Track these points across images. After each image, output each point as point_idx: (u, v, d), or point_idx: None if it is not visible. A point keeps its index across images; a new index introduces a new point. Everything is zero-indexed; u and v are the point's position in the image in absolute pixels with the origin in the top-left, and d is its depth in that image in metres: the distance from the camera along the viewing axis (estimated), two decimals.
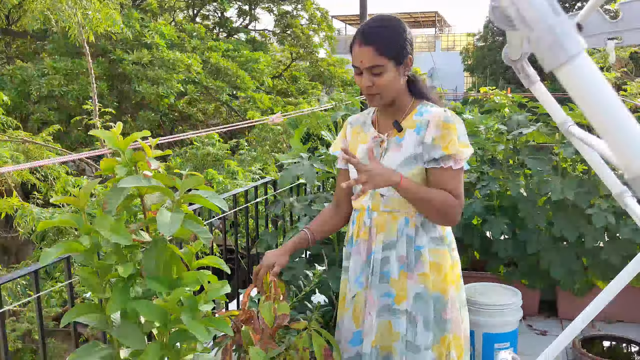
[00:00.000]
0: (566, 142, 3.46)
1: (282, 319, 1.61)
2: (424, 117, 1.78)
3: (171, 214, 1.44)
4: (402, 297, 1.79)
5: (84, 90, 7.71)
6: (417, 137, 1.77)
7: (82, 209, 1.42)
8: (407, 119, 1.82)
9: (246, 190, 2.77)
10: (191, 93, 8.89)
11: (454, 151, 1.72)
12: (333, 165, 2.94)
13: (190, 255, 1.66)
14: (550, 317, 3.79)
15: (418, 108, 1.82)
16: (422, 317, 1.78)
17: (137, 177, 1.44)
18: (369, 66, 1.71)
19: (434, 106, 1.81)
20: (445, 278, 1.80)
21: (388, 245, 1.80)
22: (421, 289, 1.78)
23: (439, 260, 1.80)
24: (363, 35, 1.72)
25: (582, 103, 0.50)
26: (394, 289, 1.79)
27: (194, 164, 7.09)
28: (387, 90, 1.74)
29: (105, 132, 1.49)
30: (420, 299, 1.78)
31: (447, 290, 1.80)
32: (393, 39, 1.72)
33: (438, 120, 1.74)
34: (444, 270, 1.80)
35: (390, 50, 1.70)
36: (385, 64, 1.70)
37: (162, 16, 12.33)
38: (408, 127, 1.80)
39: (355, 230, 1.89)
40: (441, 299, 1.80)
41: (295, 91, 12.79)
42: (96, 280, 1.46)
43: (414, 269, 1.79)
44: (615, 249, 3.35)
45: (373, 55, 1.69)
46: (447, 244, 1.84)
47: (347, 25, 34.24)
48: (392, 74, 1.72)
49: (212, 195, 1.52)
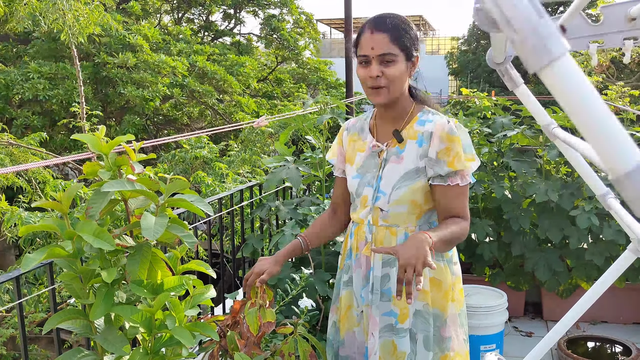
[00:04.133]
0: (550, 144, 3.49)
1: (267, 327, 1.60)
2: (426, 128, 1.68)
3: (155, 218, 1.42)
4: (405, 315, 1.71)
5: (68, 94, 7.63)
6: (418, 149, 1.68)
7: (64, 214, 1.40)
8: (408, 127, 1.72)
9: (231, 193, 2.76)
10: (177, 96, 8.83)
11: (460, 167, 1.64)
12: (319, 169, 2.94)
13: (175, 259, 1.64)
14: (535, 319, 3.81)
15: (419, 115, 1.72)
16: (422, 335, 1.71)
17: (121, 181, 1.43)
18: (381, 54, 1.61)
19: (436, 114, 1.71)
20: (446, 295, 1.73)
21: (387, 262, 1.73)
22: (421, 306, 1.71)
23: (439, 276, 1.72)
24: (376, 22, 1.64)
25: (565, 104, 0.50)
26: (397, 307, 1.71)
27: (182, 167, 7.05)
28: (395, 83, 1.64)
29: (88, 136, 1.47)
30: (419, 317, 1.71)
31: (447, 307, 1.73)
32: (406, 31, 1.64)
33: (442, 132, 1.65)
34: (444, 286, 1.73)
35: (404, 41, 1.62)
36: (398, 54, 1.62)
37: (147, 19, 12.26)
38: (409, 138, 1.70)
39: (354, 243, 1.81)
40: (441, 316, 1.73)
41: (280, 94, 12.78)
42: (79, 286, 1.44)
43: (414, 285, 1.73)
44: (599, 250, 3.38)
45: (387, 42, 1.60)
46: (448, 258, 1.76)
47: (332, 29, 34.31)
48: (402, 66, 1.63)
49: (197, 199, 1.51)
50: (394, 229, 1.72)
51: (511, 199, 3.54)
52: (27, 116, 7.74)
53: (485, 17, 0.61)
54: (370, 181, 1.74)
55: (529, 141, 3.68)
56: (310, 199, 2.89)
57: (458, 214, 1.68)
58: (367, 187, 1.75)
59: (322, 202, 2.89)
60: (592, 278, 3.51)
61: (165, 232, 1.46)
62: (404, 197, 1.68)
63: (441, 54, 29.63)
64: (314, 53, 14.08)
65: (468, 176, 1.68)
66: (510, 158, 3.52)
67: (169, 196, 1.49)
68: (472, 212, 3.65)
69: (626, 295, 3.55)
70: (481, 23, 0.62)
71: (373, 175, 1.75)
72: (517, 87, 1.33)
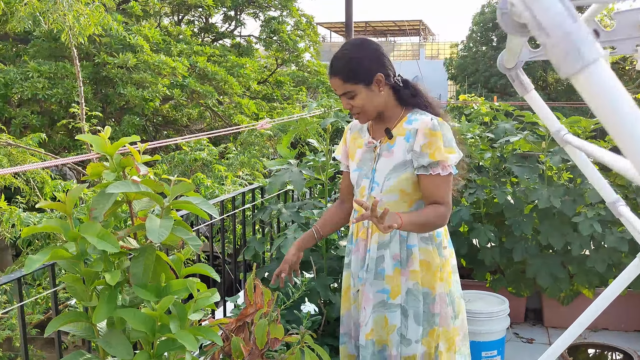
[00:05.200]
0: (553, 150, 3.48)
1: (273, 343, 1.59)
2: (413, 125, 1.90)
3: (160, 220, 1.41)
4: (396, 292, 1.92)
5: (68, 94, 7.60)
6: (406, 144, 1.90)
7: (68, 215, 1.39)
8: (398, 126, 1.94)
9: (233, 196, 2.74)
10: (177, 97, 8.81)
11: (440, 158, 1.83)
12: (321, 172, 2.93)
13: (179, 262, 1.63)
14: (536, 325, 3.80)
15: (408, 116, 1.94)
16: (412, 311, 1.92)
17: (126, 182, 1.41)
18: (341, 93, 1.89)
19: (423, 114, 1.92)
20: (434, 275, 1.93)
21: (382, 244, 1.93)
22: (412, 285, 1.92)
23: (428, 258, 1.93)
24: (330, 67, 1.90)
25: (599, 111, 0.49)
26: (389, 285, 1.93)
27: (182, 169, 7.02)
28: (366, 108, 1.89)
29: (93, 137, 1.46)
30: (411, 294, 1.92)
31: (435, 286, 1.93)
32: (355, 65, 1.85)
33: (425, 128, 1.86)
34: (433, 267, 1.93)
35: (354, 76, 1.85)
36: (354, 89, 1.86)
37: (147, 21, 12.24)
38: (398, 135, 1.93)
39: (355, 229, 2.05)
40: (429, 294, 1.93)
41: (280, 96, 12.77)
42: (82, 288, 1.42)
43: (406, 266, 1.92)
44: (601, 257, 3.37)
45: (341, 84, 1.87)
46: (437, 243, 1.95)
47: (332, 33, 34.32)
48: (364, 94, 1.87)
49: (202, 202, 1.49)
50: None
51: (513, 204, 3.53)
52: (25, 115, 7.69)
53: (510, 21, 0.60)
54: (367, 173, 1.98)
55: (531, 147, 3.67)
56: (312, 202, 2.88)
57: (438, 201, 1.87)
58: (365, 178, 1.98)
59: (324, 205, 2.87)
60: (593, 285, 3.50)
61: (170, 235, 1.44)
62: (394, 187, 1.91)
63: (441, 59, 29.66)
64: (314, 56, 14.07)
65: (449, 167, 1.87)
66: (512, 163, 3.51)
67: (173, 198, 1.47)
68: (474, 217, 3.65)
69: (628, 302, 3.54)
70: (506, 27, 0.61)
71: (369, 168, 1.98)
72: (527, 93, 1.31)
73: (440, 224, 1.89)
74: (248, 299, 1.84)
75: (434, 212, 1.85)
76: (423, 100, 1.97)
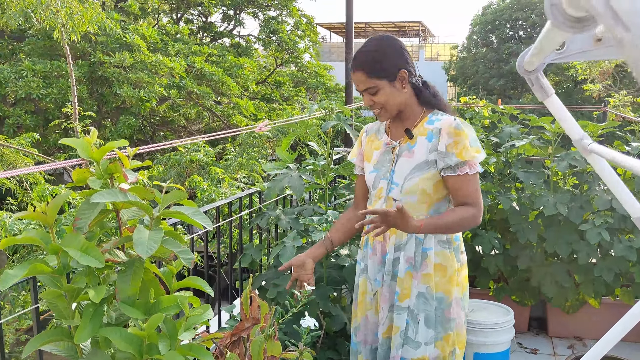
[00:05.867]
0: (560, 155, 3.38)
1: None
2: (435, 125, 1.87)
3: (149, 232, 1.31)
4: (405, 295, 1.90)
5: (62, 94, 7.46)
6: (428, 144, 1.86)
7: (49, 226, 1.28)
8: (419, 126, 1.91)
9: (230, 201, 2.63)
10: (174, 98, 8.68)
11: (467, 157, 1.81)
12: (321, 176, 2.82)
13: (170, 275, 1.52)
14: (540, 335, 3.70)
15: (429, 116, 1.91)
16: (423, 315, 1.89)
17: (113, 190, 1.31)
18: (364, 89, 1.85)
19: (444, 115, 1.89)
20: (450, 280, 1.90)
21: (399, 246, 1.92)
22: (424, 289, 1.89)
23: (445, 262, 1.90)
24: (354, 61, 1.86)
25: None
26: (400, 287, 1.91)
27: (178, 171, 6.90)
28: (388, 105, 1.86)
29: (77, 141, 1.35)
30: (422, 298, 1.89)
31: (452, 291, 1.90)
32: (380, 59, 1.82)
33: (449, 128, 1.82)
34: (449, 272, 1.90)
35: (379, 71, 1.82)
36: (377, 84, 1.83)
37: (146, 19, 12.10)
38: (419, 135, 1.89)
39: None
40: (445, 299, 1.90)
41: (279, 97, 12.65)
42: (64, 305, 1.31)
43: (419, 269, 1.89)
44: (608, 266, 3.27)
45: (364, 79, 1.83)
46: (455, 247, 1.92)
47: (332, 33, 34.22)
48: (387, 90, 1.84)
49: (195, 212, 1.39)
50: None
51: (518, 211, 3.43)
52: (19, 115, 7.55)
53: (561, 14, 0.50)
54: (385, 174, 1.94)
55: (537, 151, 3.57)
56: (312, 208, 2.77)
57: (467, 201, 1.84)
58: (382, 179, 1.94)
59: (324, 211, 2.77)
60: (600, 294, 3.40)
61: (160, 247, 1.34)
62: (415, 187, 1.86)
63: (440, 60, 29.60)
64: (314, 56, 13.96)
65: (476, 165, 1.84)
66: (518, 169, 3.41)
67: (164, 208, 1.37)
68: None
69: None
70: (555, 20, 0.51)
71: (387, 169, 1.94)
72: (547, 97, 1.21)
73: (470, 224, 1.85)
74: (244, 312, 1.75)
75: (460, 216, 1.82)
76: (442, 103, 1.96)
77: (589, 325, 3.57)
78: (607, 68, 9.76)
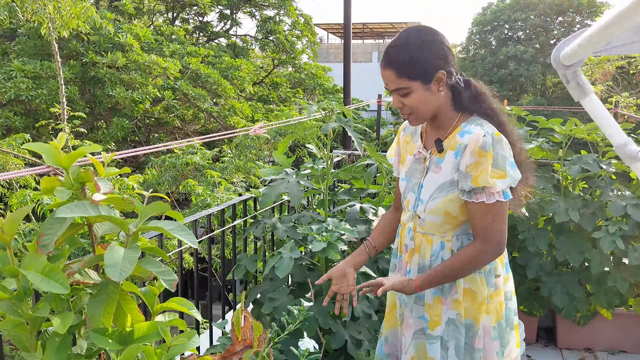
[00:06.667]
0: (571, 159, 3.22)
1: None
2: (464, 139, 1.62)
3: (125, 250, 1.13)
4: (436, 322, 1.73)
5: (53, 95, 7.26)
6: (454, 161, 1.64)
7: (7, 245, 1.11)
8: (450, 137, 1.66)
9: (223, 209, 2.46)
10: (169, 99, 8.48)
11: (483, 183, 1.57)
12: (320, 181, 2.65)
13: (152, 296, 1.35)
14: (549, 346, 3.53)
15: (463, 126, 1.65)
16: (453, 343, 1.72)
17: (82, 203, 1.14)
18: (394, 89, 1.61)
19: (478, 125, 1.61)
20: (480, 306, 1.69)
21: (422, 268, 1.74)
22: (454, 315, 1.71)
23: (474, 287, 1.69)
24: (384, 57, 1.61)
25: None
26: (429, 314, 1.74)
27: (173, 174, 6.70)
28: (419, 110, 1.63)
29: (43, 146, 1.18)
30: (452, 325, 1.72)
31: (480, 318, 1.70)
32: (415, 58, 1.56)
33: (475, 146, 1.58)
34: (479, 298, 1.69)
35: (412, 71, 1.56)
36: (410, 85, 1.58)
37: (141, 19, 11.90)
38: (449, 149, 1.66)
39: (398, 244, 1.85)
40: (472, 326, 1.71)
41: (276, 98, 12.46)
42: (26, 335, 1.14)
43: (447, 294, 1.71)
44: (622, 276, 3.11)
45: (395, 78, 1.58)
46: (486, 271, 1.70)
47: (329, 34, 34.06)
48: (420, 94, 1.59)
49: (178, 227, 1.21)
50: (430, 237, 1.72)
51: (527, 217, 3.26)
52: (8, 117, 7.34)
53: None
54: (414, 186, 1.75)
55: (545, 155, 3.41)
56: (310, 215, 2.60)
57: (478, 234, 1.63)
58: (411, 192, 1.76)
59: (324, 218, 2.60)
60: (613, 305, 3.24)
61: (137, 267, 1.17)
62: (439, 208, 1.66)
63: None
64: (312, 57, 13.77)
65: (497, 194, 1.59)
66: None
67: (142, 222, 1.19)
68: None
69: None
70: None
71: (417, 181, 1.74)
72: (585, 97, 1.04)
73: (478, 265, 1.63)
74: (235, 334, 1.58)
75: (463, 258, 1.63)
76: (485, 105, 1.66)
77: (600, 337, 3.40)
78: (609, 69, 9.61)
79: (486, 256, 1.62)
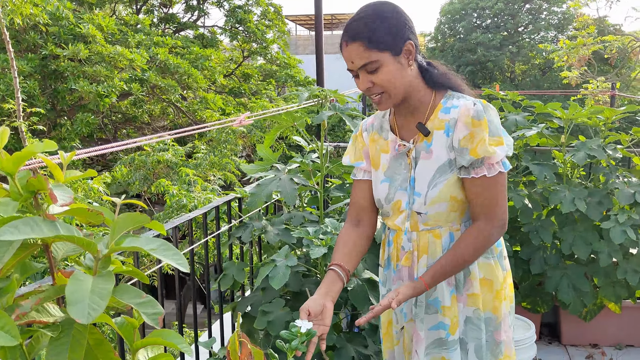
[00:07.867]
0: (575, 145, 3.02)
1: None
2: (452, 115, 1.50)
3: (93, 280, 0.86)
4: (455, 324, 1.57)
5: (11, 90, 6.80)
6: (446, 139, 1.50)
7: None
8: (433, 118, 1.53)
9: (205, 212, 2.18)
10: (136, 92, 8.06)
11: (483, 153, 1.45)
12: (312, 177, 2.39)
13: (130, 330, 1.08)
14: (552, 343, 3.36)
15: (443, 102, 1.53)
16: (473, 344, 1.58)
17: (34, 219, 0.86)
18: (362, 65, 1.44)
19: (461, 97, 1.51)
20: (497, 295, 1.58)
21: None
22: (471, 312, 1.57)
23: (489, 275, 1.58)
24: (346, 32, 1.46)
25: None
26: (448, 317, 1.56)
27: (143, 173, 6.32)
28: (393, 86, 1.46)
29: None
30: (470, 324, 1.58)
31: (500, 308, 1.58)
32: (382, 27, 1.43)
33: (467, 117, 1.46)
34: (495, 285, 1.58)
35: (381, 40, 1.42)
36: (380, 58, 1.43)
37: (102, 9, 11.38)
38: (435, 129, 1.52)
39: (393, 253, 1.65)
40: (494, 319, 1.59)
41: (248, 90, 12.09)
42: None
43: (462, 290, 1.57)
44: (632, 268, 2.94)
45: (362, 51, 1.43)
46: (497, 254, 1.60)
47: (298, 26, 33.65)
48: (391, 66, 1.45)
49: (162, 246, 0.93)
50: (437, 231, 1.56)
51: (530, 208, 3.06)
52: None
53: None
54: (402, 184, 1.57)
55: (547, 141, 3.21)
56: (302, 215, 2.34)
57: (480, 212, 1.50)
58: (400, 190, 1.58)
59: (317, 218, 2.34)
60: (621, 298, 3.07)
61: (112, 299, 0.90)
62: (442, 194, 1.52)
63: None
64: (283, 47, 13.44)
65: (497, 165, 1.48)
66: (528, 161, 3.04)
67: (114, 240, 0.92)
68: None
69: None
70: None
71: (404, 177, 1.57)
72: None
73: (484, 248, 1.50)
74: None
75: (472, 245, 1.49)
76: (457, 80, 1.57)
77: (606, 331, 3.24)
78: (585, 54, 9.53)
79: (493, 235, 1.51)
